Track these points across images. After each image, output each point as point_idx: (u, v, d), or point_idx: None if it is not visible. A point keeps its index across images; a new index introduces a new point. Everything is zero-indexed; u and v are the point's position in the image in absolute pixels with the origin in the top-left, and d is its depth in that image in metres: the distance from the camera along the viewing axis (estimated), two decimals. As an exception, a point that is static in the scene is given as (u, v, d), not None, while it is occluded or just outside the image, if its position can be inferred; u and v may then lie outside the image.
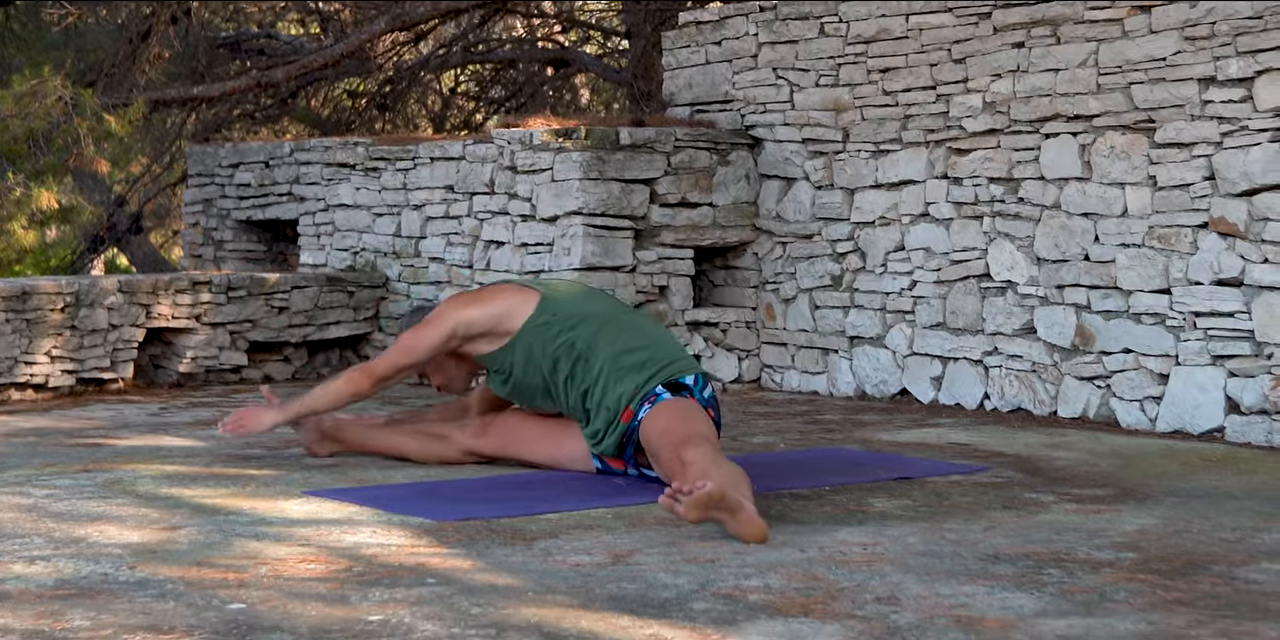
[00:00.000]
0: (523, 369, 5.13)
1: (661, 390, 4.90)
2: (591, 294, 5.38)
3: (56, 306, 7.39)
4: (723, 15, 8.15)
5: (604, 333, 5.05)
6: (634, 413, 4.89)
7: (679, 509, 4.06)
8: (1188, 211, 6.20)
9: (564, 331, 5.07)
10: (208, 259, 9.89)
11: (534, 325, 5.11)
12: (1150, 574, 3.69)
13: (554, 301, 5.16)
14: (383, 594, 3.46)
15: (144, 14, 11.63)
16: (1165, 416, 6.23)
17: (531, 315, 5.13)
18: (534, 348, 5.10)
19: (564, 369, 5.04)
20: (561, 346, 5.05)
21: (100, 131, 9.07)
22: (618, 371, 4.95)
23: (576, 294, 5.32)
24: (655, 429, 4.77)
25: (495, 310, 5.19)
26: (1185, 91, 6.19)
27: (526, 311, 5.15)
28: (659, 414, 4.82)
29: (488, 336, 5.19)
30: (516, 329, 5.14)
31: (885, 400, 7.30)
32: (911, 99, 7.22)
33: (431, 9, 11.07)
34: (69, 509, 4.51)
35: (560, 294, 5.25)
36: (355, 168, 8.85)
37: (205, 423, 6.52)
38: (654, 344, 5.06)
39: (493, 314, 5.18)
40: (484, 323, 5.18)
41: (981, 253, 6.94)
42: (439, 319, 5.22)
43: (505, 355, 5.16)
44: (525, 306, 5.16)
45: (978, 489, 4.90)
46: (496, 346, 5.18)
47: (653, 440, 4.75)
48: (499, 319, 5.17)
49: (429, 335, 5.21)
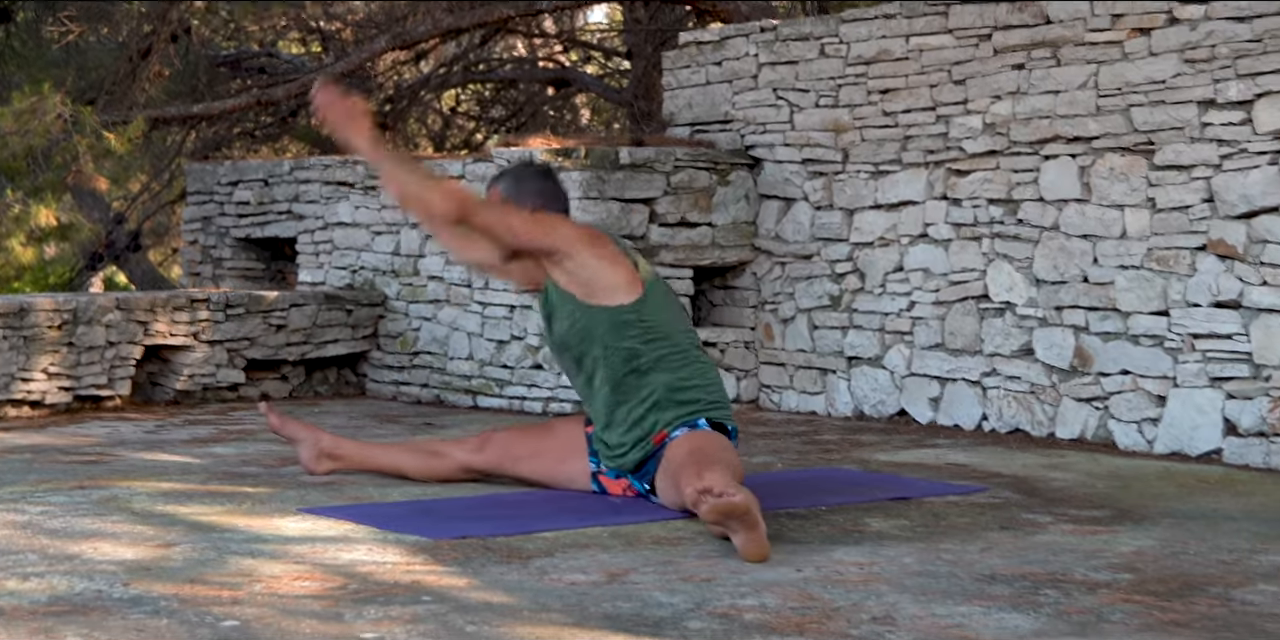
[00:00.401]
0: (570, 329, 4.95)
1: (703, 422, 4.87)
2: (672, 301, 5.13)
3: (54, 323, 7.38)
4: (723, 36, 8.16)
5: (670, 357, 4.92)
6: (667, 435, 4.85)
7: (702, 506, 4.07)
8: (1186, 234, 6.20)
9: (637, 340, 4.89)
10: (206, 277, 9.89)
11: (617, 316, 4.90)
12: (1147, 595, 3.68)
13: (648, 305, 4.94)
14: (377, 612, 3.45)
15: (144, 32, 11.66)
16: (1163, 438, 6.22)
17: (623, 306, 4.91)
18: (598, 328, 4.90)
19: (614, 370, 4.90)
20: (625, 351, 4.89)
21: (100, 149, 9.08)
22: (667, 402, 4.86)
23: (664, 299, 5.04)
24: (688, 447, 4.72)
25: (604, 277, 4.90)
26: (1185, 114, 6.20)
27: (622, 299, 4.91)
28: (694, 437, 4.78)
29: (570, 278, 4.93)
30: (597, 302, 4.91)
31: (883, 421, 7.30)
32: (911, 120, 7.23)
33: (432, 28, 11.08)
34: (64, 526, 4.50)
35: (654, 296, 4.98)
36: (354, 186, 8.85)
37: (202, 440, 6.51)
38: (709, 383, 4.97)
39: (599, 278, 4.91)
40: (583, 274, 4.91)
41: (980, 274, 6.94)
42: (555, 232, 4.89)
43: (560, 301, 4.95)
44: (625, 294, 4.92)
45: (975, 509, 4.90)
46: (567, 289, 4.93)
47: (680, 457, 4.68)
48: (598, 286, 4.91)
49: (535, 236, 4.88)
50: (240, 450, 6.20)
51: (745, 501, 4.08)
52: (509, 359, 7.86)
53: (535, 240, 4.91)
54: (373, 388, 8.60)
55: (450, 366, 8.19)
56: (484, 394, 7.98)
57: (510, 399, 7.83)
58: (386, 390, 8.50)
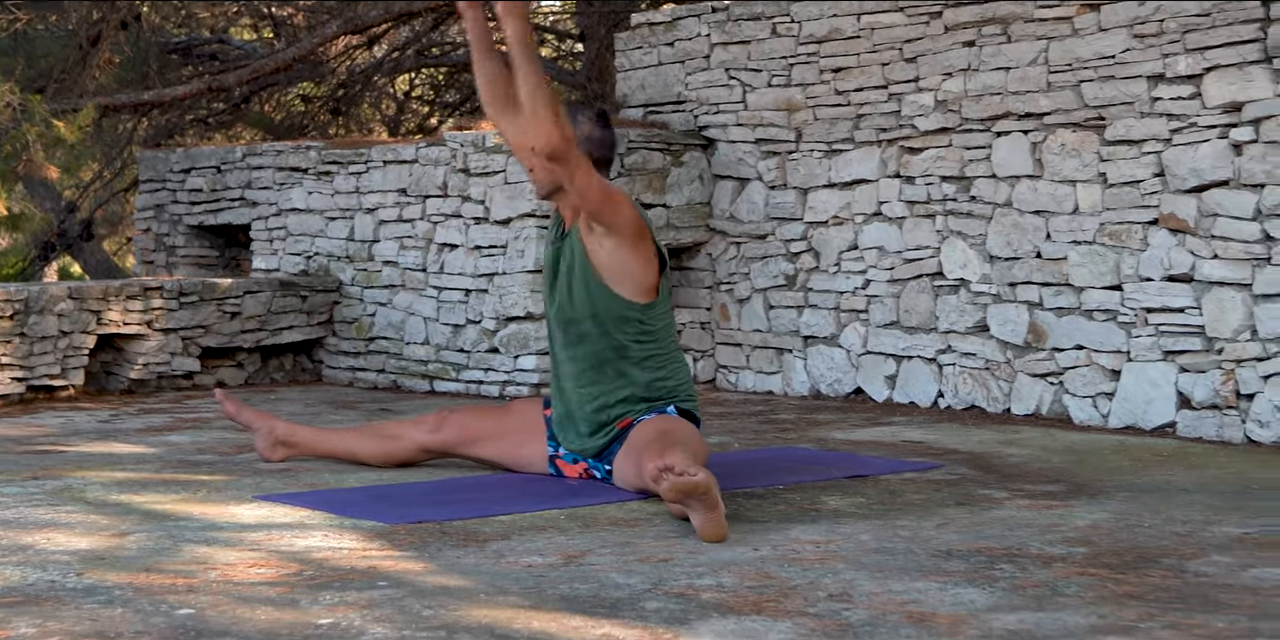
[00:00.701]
0: (570, 285, 4.90)
1: (671, 409, 4.87)
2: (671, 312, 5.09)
3: (5, 314, 7.33)
4: (675, 16, 8.15)
5: (655, 359, 4.90)
6: (633, 421, 4.85)
7: (663, 484, 4.06)
8: (1138, 208, 6.22)
9: (631, 337, 4.87)
10: (160, 265, 9.83)
11: (624, 313, 4.86)
12: (1101, 568, 3.70)
13: (657, 310, 4.91)
14: (333, 597, 3.44)
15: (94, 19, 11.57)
16: (1117, 412, 6.25)
17: (631, 302, 4.87)
18: (601, 306, 4.86)
19: (597, 353, 4.88)
20: (617, 342, 4.87)
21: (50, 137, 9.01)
22: (640, 399, 4.86)
23: (668, 312, 4.99)
24: (655, 429, 4.72)
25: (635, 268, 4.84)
26: (1135, 89, 6.21)
27: (638, 297, 4.87)
28: (662, 421, 4.78)
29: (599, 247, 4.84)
30: (612, 286, 4.84)
31: (840, 399, 7.31)
32: (863, 98, 7.23)
33: (384, 13, 11.04)
34: (16, 516, 4.46)
35: (662, 308, 4.95)
36: (308, 172, 8.81)
37: (156, 429, 6.48)
38: (682, 383, 4.96)
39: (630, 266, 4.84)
40: (615, 254, 4.82)
41: (934, 251, 6.96)
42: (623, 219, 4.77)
43: (580, 265, 4.88)
44: (643, 294, 4.88)
45: (931, 486, 4.91)
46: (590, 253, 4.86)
47: (645, 438, 4.68)
48: (623, 271, 4.84)
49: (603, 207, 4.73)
50: (195, 438, 6.17)
51: (706, 480, 4.09)
52: (465, 343, 7.85)
53: (599, 211, 4.78)
54: (329, 374, 8.57)
55: (406, 351, 8.17)
56: (441, 378, 7.96)
57: (467, 383, 7.82)
58: (343, 376, 8.48)
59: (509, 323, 7.63)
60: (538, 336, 7.45)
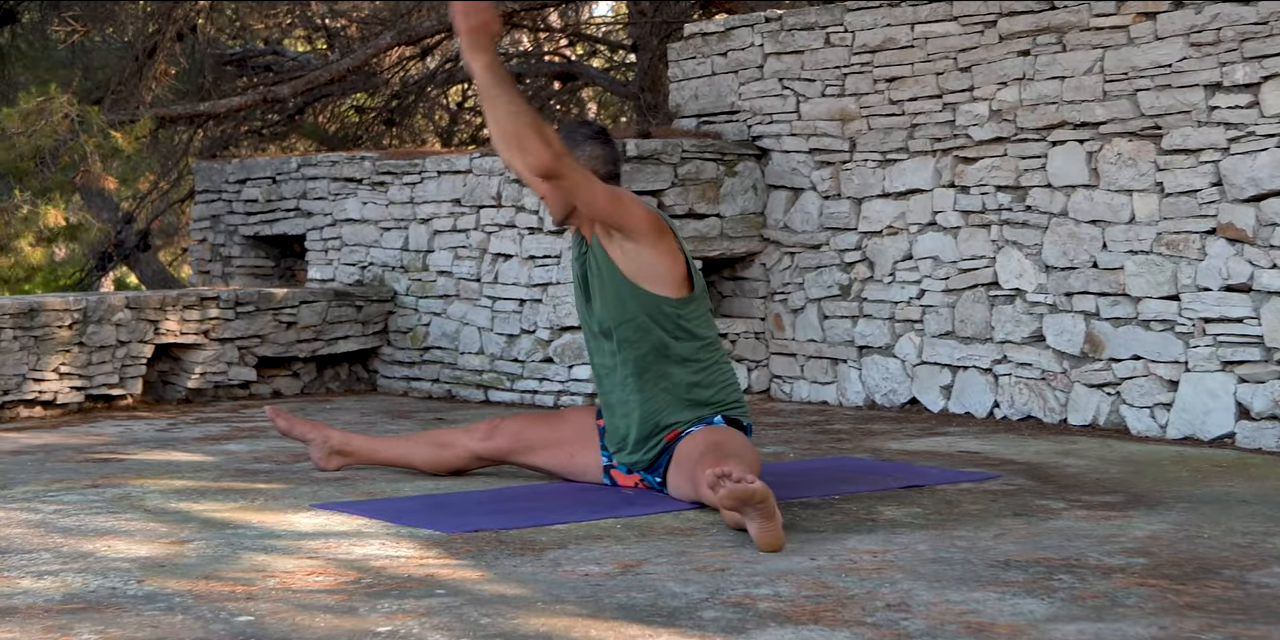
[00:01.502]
0: (602, 293, 4.90)
1: (718, 419, 4.87)
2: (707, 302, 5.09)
3: (64, 323, 7.39)
4: (728, 26, 8.16)
5: (696, 358, 4.90)
6: (680, 432, 4.85)
7: (720, 491, 4.05)
8: (1195, 217, 6.19)
9: (670, 335, 4.86)
10: (216, 275, 9.90)
11: (658, 305, 4.85)
12: (1161, 579, 3.68)
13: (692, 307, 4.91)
14: (391, 605, 3.45)
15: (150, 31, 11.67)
16: (1175, 423, 6.21)
17: (668, 298, 4.87)
18: (634, 308, 4.85)
19: (639, 357, 4.88)
20: (656, 342, 4.86)
21: (107, 148, 9.09)
22: (684, 401, 4.87)
23: (708, 310, 5.01)
24: (706, 441, 4.71)
25: (661, 266, 4.85)
26: (1192, 98, 6.18)
27: (670, 292, 4.87)
28: (712, 432, 4.77)
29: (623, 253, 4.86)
30: (643, 285, 4.86)
31: (895, 409, 7.29)
32: (918, 108, 7.22)
33: (437, 24, 11.08)
34: (77, 524, 4.50)
35: (701, 303, 4.95)
36: (362, 182, 8.85)
37: (214, 438, 6.52)
38: (728, 384, 4.96)
39: (657, 265, 4.86)
40: (640, 256, 4.84)
41: (989, 261, 6.93)
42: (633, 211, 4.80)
43: (607, 272, 4.89)
44: (675, 289, 4.88)
45: (988, 496, 4.89)
46: (615, 258, 4.87)
47: (696, 449, 4.67)
48: (651, 272, 4.86)
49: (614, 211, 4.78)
50: (252, 447, 6.21)
51: (763, 488, 4.08)
52: (519, 353, 7.86)
53: (610, 217, 4.80)
54: (384, 383, 8.60)
55: (461, 361, 8.19)
56: (495, 388, 7.98)
57: (521, 393, 7.83)
58: (397, 386, 8.51)
59: (563, 332, 7.64)
60: (592, 346, 7.46)
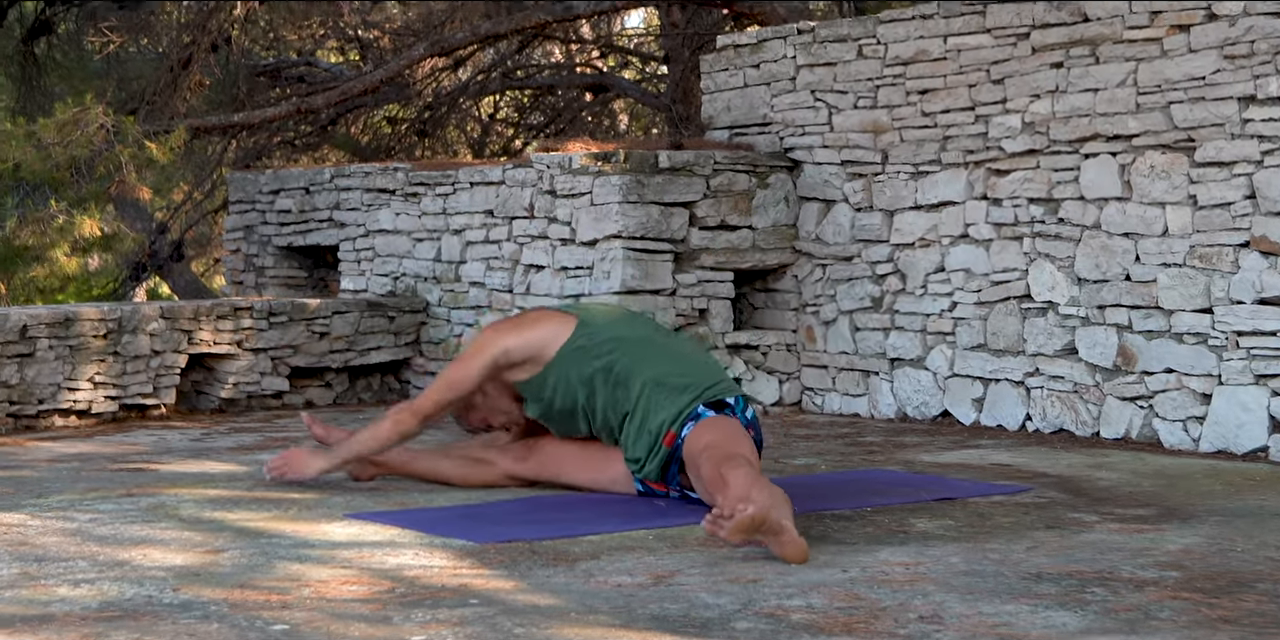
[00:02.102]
0: (561, 394, 5.12)
1: (704, 409, 4.90)
2: (630, 317, 5.36)
3: (99, 333, 7.43)
4: (761, 38, 8.17)
5: (643, 356, 5.04)
6: (676, 435, 4.88)
7: (721, 533, 4.07)
8: (1229, 230, 6.18)
9: (600, 355, 5.06)
10: (249, 285, 9.94)
11: (570, 349, 5.10)
12: (1194, 592, 3.67)
13: (590, 325, 5.15)
14: (425, 614, 3.47)
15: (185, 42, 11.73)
16: (1208, 436, 6.20)
17: (568, 339, 5.12)
18: (570, 372, 5.08)
19: (601, 393, 5.04)
20: (598, 371, 5.04)
21: (142, 159, 9.14)
22: (658, 396, 4.94)
23: (614, 317, 5.29)
24: (699, 444, 4.77)
25: (534, 337, 5.17)
26: (1225, 110, 6.17)
27: (563, 337, 5.13)
28: (703, 431, 4.82)
29: (526, 364, 5.16)
30: (552, 355, 5.12)
31: (926, 422, 7.29)
32: (950, 120, 7.22)
33: (470, 35, 11.12)
34: (112, 533, 4.53)
35: (597, 317, 5.23)
36: (395, 193, 8.88)
37: (247, 448, 6.55)
38: (695, 367, 5.06)
39: (531, 341, 5.16)
40: (523, 350, 5.15)
41: (1022, 273, 6.93)
42: (480, 350, 5.18)
43: (541, 381, 5.14)
44: (563, 331, 5.15)
45: (1020, 509, 4.89)
46: (533, 373, 5.15)
47: (696, 456, 4.74)
48: (538, 346, 5.15)
49: (471, 366, 5.17)
50: (286, 457, 6.22)
51: (759, 511, 4.05)
52: (551, 364, 7.87)
53: (473, 368, 5.18)
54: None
55: (493, 372, 8.19)
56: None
57: (553, 403, 7.83)
58: (429, 396, 8.51)
59: (595, 344, 7.65)
60: (623, 357, 7.47)
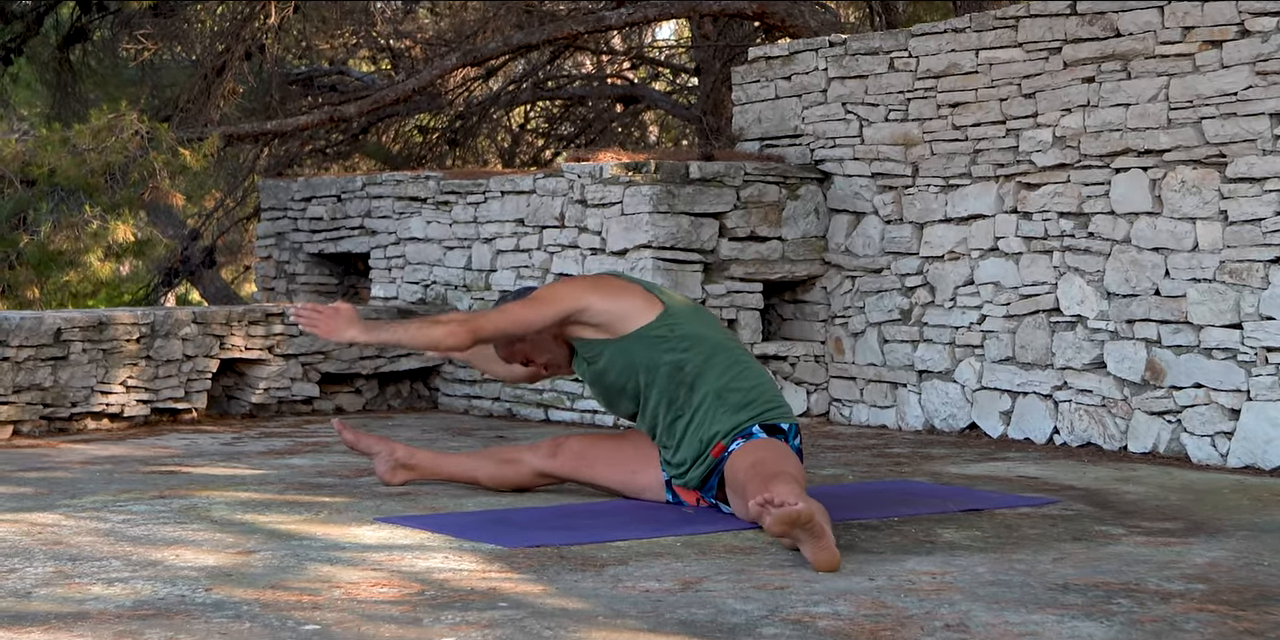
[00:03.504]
0: (616, 370, 5.05)
1: (758, 430, 4.91)
2: (707, 317, 5.25)
3: (132, 337, 7.49)
4: (792, 50, 8.19)
5: (714, 363, 4.99)
6: (725, 447, 4.89)
7: (766, 519, 4.09)
8: (1259, 246, 6.18)
9: (676, 350, 4.99)
10: (280, 292, 9.99)
11: (648, 334, 5.01)
12: (1221, 605, 3.68)
13: (675, 316, 5.06)
14: (455, 617, 3.50)
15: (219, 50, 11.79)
16: (1236, 452, 6.20)
17: (650, 324, 5.02)
18: (638, 354, 5.01)
19: (661, 386, 4.98)
20: (668, 364, 4.98)
21: (175, 165, 9.19)
22: (720, 407, 4.91)
23: (695, 314, 5.17)
24: (746, 461, 4.76)
25: (620, 307, 5.06)
26: (1257, 126, 6.18)
27: (646, 319, 5.03)
28: (752, 449, 4.82)
29: (596, 328, 5.07)
30: (627, 331, 5.03)
31: (954, 434, 7.30)
32: (981, 133, 7.24)
33: (502, 45, 11.16)
34: (145, 533, 4.57)
35: (681, 310, 5.13)
36: (426, 201, 8.93)
37: (278, 453, 6.59)
38: (759, 386, 5.01)
39: (614, 310, 5.05)
40: (603, 315, 5.05)
41: (1051, 287, 6.94)
42: (559, 298, 5.06)
43: (602, 348, 5.06)
44: (647, 313, 5.05)
45: (1047, 521, 4.90)
46: (598, 338, 5.06)
47: (741, 472, 4.73)
48: (619, 317, 5.04)
49: (544, 310, 5.04)
50: (316, 462, 6.27)
51: (809, 509, 4.10)
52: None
53: (547, 315, 5.05)
54: (445, 401, 8.66)
55: (521, 380, 8.23)
56: (555, 407, 8.02)
57: (582, 412, 7.87)
58: (459, 404, 8.57)
59: (623, 353, 7.68)
60: (652, 367, 7.49)
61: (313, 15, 13.03)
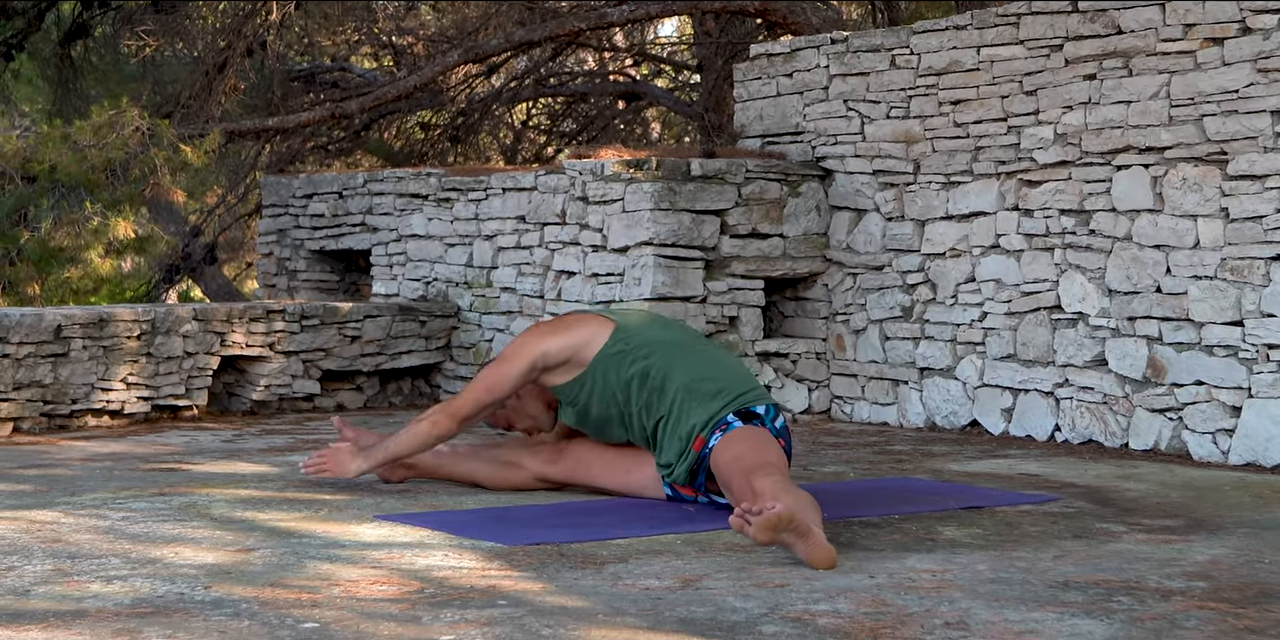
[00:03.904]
0: (597, 399, 5.14)
1: (733, 418, 4.92)
2: (664, 323, 5.39)
3: (133, 334, 7.48)
4: (794, 48, 8.19)
5: (678, 362, 5.06)
6: (705, 441, 4.91)
7: (749, 530, 4.09)
8: (1260, 243, 6.17)
9: (638, 360, 5.08)
10: (281, 289, 9.99)
11: (608, 354, 5.12)
12: (1221, 602, 3.68)
13: (628, 330, 5.18)
14: (454, 614, 3.49)
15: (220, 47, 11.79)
16: (1238, 449, 6.19)
17: (606, 344, 5.14)
18: (608, 377, 5.10)
19: (638, 398, 5.06)
20: (635, 375, 5.06)
21: (176, 162, 9.19)
22: (691, 400, 4.96)
23: (650, 323, 5.32)
24: (727, 456, 4.79)
25: (573, 340, 5.18)
26: (1258, 123, 6.17)
27: (601, 340, 5.15)
28: (731, 442, 4.84)
29: (564, 367, 5.17)
30: (591, 358, 5.14)
31: (955, 431, 7.29)
32: (982, 131, 7.23)
33: (504, 42, 11.15)
34: (145, 531, 4.57)
35: (634, 322, 5.26)
36: (428, 198, 8.92)
37: (278, 449, 6.58)
38: (727, 373, 5.08)
39: (571, 344, 5.17)
40: (562, 353, 5.17)
41: (1052, 284, 6.93)
42: (519, 353, 5.19)
43: (579, 385, 5.16)
44: (601, 334, 5.17)
45: (1048, 519, 4.89)
46: (571, 377, 5.17)
47: (724, 467, 4.77)
48: (577, 349, 5.16)
49: (510, 369, 5.18)
50: (316, 459, 6.26)
51: (788, 510, 4.08)
52: (581, 370, 7.89)
53: (514, 371, 5.19)
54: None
55: (522, 377, 8.22)
56: (556, 404, 8.01)
57: (582, 409, 7.86)
58: (459, 401, 8.54)
59: (624, 350, 7.67)
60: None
61: (314, 11, 13.03)
